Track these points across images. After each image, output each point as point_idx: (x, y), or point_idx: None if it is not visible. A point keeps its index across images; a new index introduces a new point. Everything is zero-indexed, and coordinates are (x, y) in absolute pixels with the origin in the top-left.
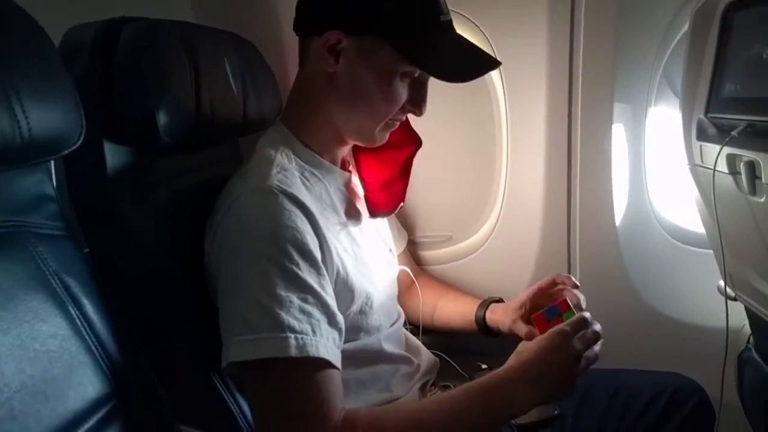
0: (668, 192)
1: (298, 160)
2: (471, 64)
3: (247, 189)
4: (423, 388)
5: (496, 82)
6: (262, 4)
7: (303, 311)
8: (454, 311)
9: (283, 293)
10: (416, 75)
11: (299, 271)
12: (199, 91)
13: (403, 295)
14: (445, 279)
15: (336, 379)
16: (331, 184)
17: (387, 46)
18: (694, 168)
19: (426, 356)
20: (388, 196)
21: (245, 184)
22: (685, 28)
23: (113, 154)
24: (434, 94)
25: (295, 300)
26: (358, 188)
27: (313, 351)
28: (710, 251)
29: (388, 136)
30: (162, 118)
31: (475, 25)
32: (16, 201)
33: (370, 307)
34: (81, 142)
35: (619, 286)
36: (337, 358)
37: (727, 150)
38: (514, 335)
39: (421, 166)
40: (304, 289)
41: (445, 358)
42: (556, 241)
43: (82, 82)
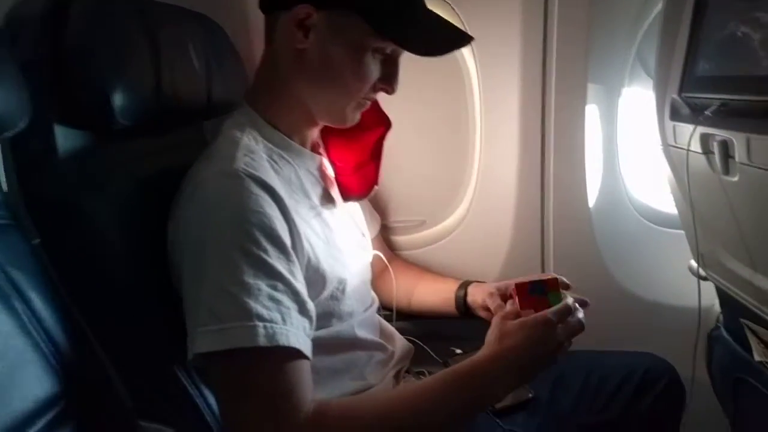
0: (641, 173)
1: (266, 143)
2: (444, 39)
3: (211, 172)
4: (397, 375)
5: (469, 63)
6: None
7: (272, 299)
8: (432, 292)
9: (251, 280)
10: (388, 51)
11: (267, 258)
12: (158, 71)
13: (377, 280)
14: (419, 264)
15: (306, 370)
16: (301, 167)
17: (358, 21)
18: (668, 148)
19: (400, 342)
20: (361, 179)
21: (209, 167)
22: (659, 7)
23: (65, 138)
24: (406, 77)
25: (264, 287)
26: (330, 171)
27: (283, 340)
28: (682, 231)
29: (359, 116)
30: (118, 100)
31: (449, 4)
32: None
33: (343, 292)
34: (27, 125)
35: (593, 268)
36: (307, 348)
37: (700, 129)
38: (484, 311)
39: (394, 150)
40: (273, 276)
41: (420, 343)
42: (530, 224)
43: (30, 61)
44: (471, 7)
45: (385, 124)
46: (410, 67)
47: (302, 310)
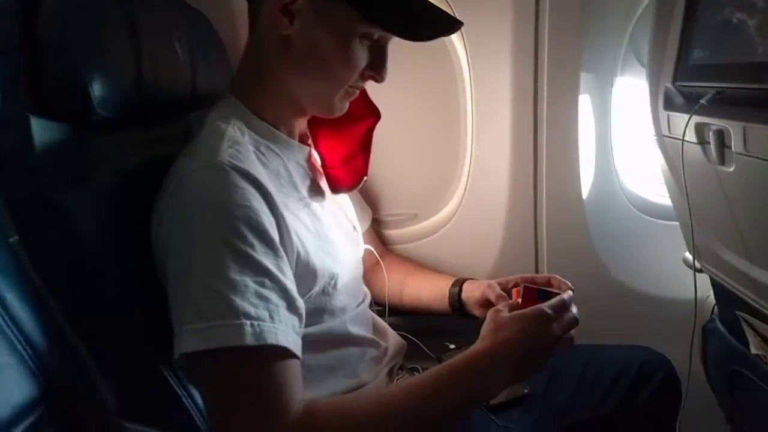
0: (634, 164)
1: (252, 134)
2: (432, 24)
3: (196, 166)
4: (391, 372)
5: (460, 53)
6: None
7: (259, 296)
8: (425, 288)
9: (237, 277)
10: (376, 37)
11: (254, 253)
12: (139, 60)
13: (368, 275)
14: (412, 258)
15: (295, 368)
16: (290, 159)
17: (345, 5)
18: (661, 138)
19: (393, 338)
20: (350, 171)
21: (193, 160)
22: None
23: (42, 131)
24: (396, 67)
25: (251, 284)
26: (318, 163)
27: (271, 338)
28: (675, 223)
29: (348, 105)
30: (96, 90)
31: None
32: None
33: (334, 287)
34: (1, 118)
35: (586, 261)
36: (296, 346)
37: (695, 119)
38: (480, 307)
39: (385, 142)
40: (261, 272)
41: (413, 339)
42: (523, 216)
43: (1, 50)
44: None
45: (375, 114)
46: (400, 58)
47: (291, 307)
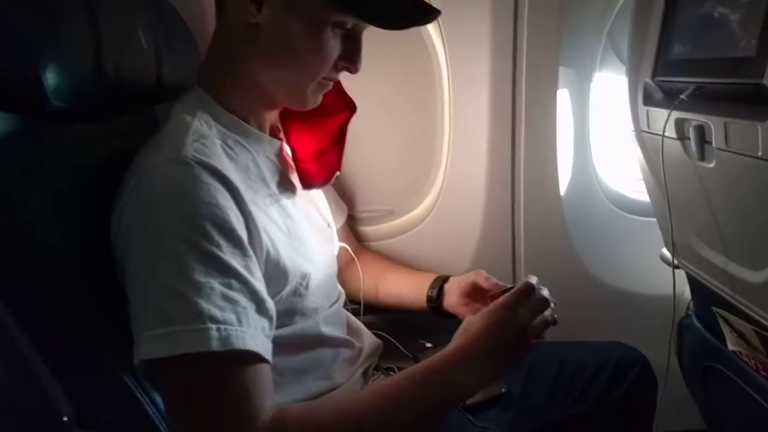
0: (612, 160)
1: (220, 127)
2: (408, 13)
3: (159, 160)
4: (365, 373)
5: (438, 47)
6: None
7: (226, 298)
8: (403, 284)
9: (202, 279)
10: (349, 26)
11: (221, 253)
12: (99, 48)
13: (343, 273)
14: (387, 255)
15: (265, 373)
16: (259, 154)
17: None
18: (640, 134)
19: (368, 338)
20: (323, 166)
21: (156, 154)
22: None
23: None
24: (372, 59)
25: (217, 286)
26: (290, 157)
27: (239, 343)
28: (652, 219)
29: (321, 98)
30: (50, 79)
31: None
32: None
33: (306, 287)
34: None
35: (564, 257)
36: (266, 350)
37: (675, 114)
38: (467, 293)
39: (360, 137)
40: (227, 273)
41: (388, 338)
42: (501, 213)
43: None
44: None
45: (350, 107)
46: (376, 50)
47: (260, 309)
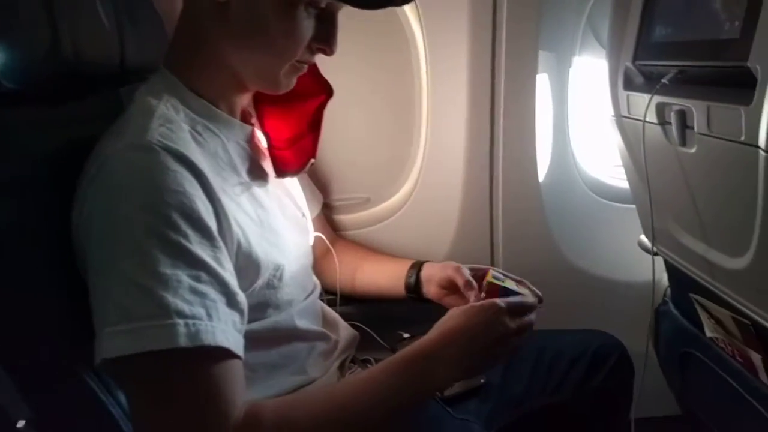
0: (590, 146)
1: (188, 111)
2: None
3: (121, 145)
4: (342, 366)
5: (416, 30)
6: None
7: (194, 291)
8: (380, 272)
9: (169, 271)
10: (322, 5)
11: (188, 244)
12: (54, 26)
13: (319, 263)
14: (364, 244)
15: (237, 370)
16: (230, 140)
17: None
18: (620, 119)
19: (345, 330)
20: (297, 153)
21: (118, 140)
22: None
23: None
24: (348, 44)
25: (184, 278)
26: (263, 143)
27: (209, 338)
28: (631, 206)
29: (295, 81)
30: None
31: None
32: None
33: (280, 279)
34: None
35: (542, 245)
36: (237, 345)
37: (656, 99)
38: (443, 285)
39: (335, 123)
40: (196, 265)
41: (366, 329)
42: (479, 199)
43: None
44: None
45: (326, 91)
46: (352, 35)
47: (231, 302)
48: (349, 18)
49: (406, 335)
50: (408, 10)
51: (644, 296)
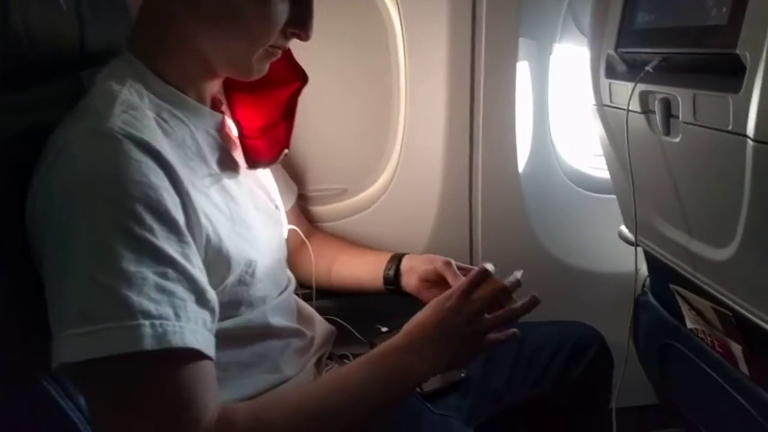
0: (570, 136)
1: (153, 97)
2: None
3: (80, 132)
4: (318, 362)
5: (394, 16)
6: None
7: (161, 290)
8: (357, 264)
9: (133, 268)
10: None
11: (154, 239)
12: (5, 6)
13: (293, 256)
14: (341, 236)
15: (208, 371)
16: (198, 128)
17: None
18: (602, 108)
19: (321, 326)
20: (270, 142)
21: (77, 126)
22: None
23: None
24: (324, 30)
25: (150, 276)
26: (234, 132)
27: (177, 340)
28: (611, 196)
29: (268, 67)
30: None
31: None
32: None
33: (252, 275)
34: None
35: (522, 236)
36: (208, 345)
37: (640, 87)
38: (425, 277)
39: (310, 111)
40: (162, 262)
41: (343, 323)
42: (458, 190)
43: None
44: None
45: (300, 78)
46: (329, 21)
47: (201, 300)
48: (326, 4)
49: (385, 329)
50: None
51: (623, 287)
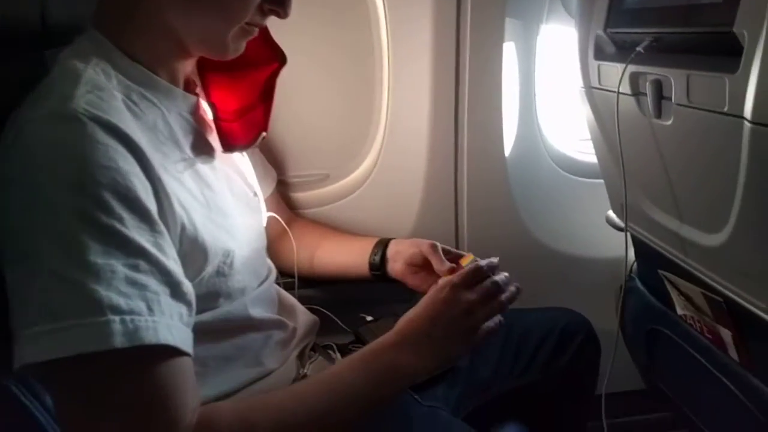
0: (557, 119)
1: (122, 78)
2: None
3: (41, 114)
4: (301, 354)
5: None
6: None
7: (132, 283)
8: (341, 251)
9: (100, 260)
10: None
11: (123, 228)
12: None
13: (274, 245)
14: (323, 223)
15: (186, 369)
16: (171, 111)
17: None
18: (590, 91)
19: (303, 316)
20: (246, 125)
21: (38, 107)
22: None
23: None
24: (304, 8)
25: (120, 268)
26: (208, 115)
27: (150, 336)
28: (598, 181)
29: (244, 46)
30: None
31: None
32: None
33: (230, 266)
34: None
35: (508, 221)
36: (185, 341)
37: (630, 68)
38: (412, 261)
39: (290, 93)
40: (133, 253)
41: (326, 313)
42: (443, 174)
43: None
44: None
45: (278, 59)
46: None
47: (176, 293)
48: None
49: (370, 318)
50: None
51: (609, 272)
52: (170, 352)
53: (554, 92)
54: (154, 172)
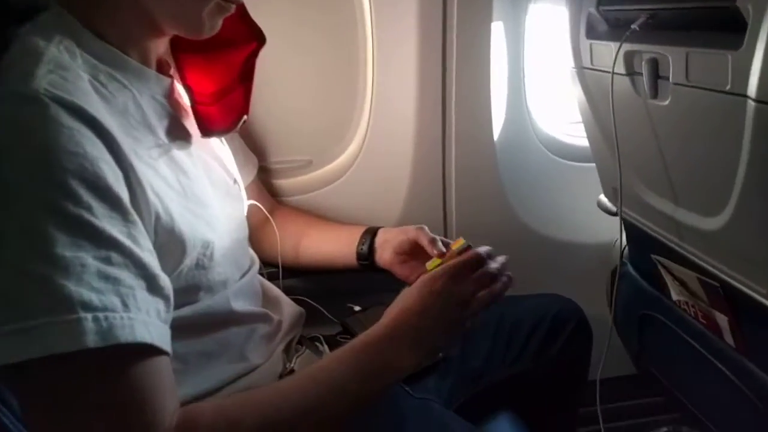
0: (546, 101)
1: (88, 57)
2: None
3: None
4: (288, 348)
5: None
6: None
7: (104, 277)
8: (327, 240)
9: (69, 253)
10: None
11: (93, 219)
12: None
13: (256, 234)
14: (307, 211)
15: (163, 368)
16: (143, 93)
17: None
18: (582, 71)
19: (289, 308)
20: (225, 108)
21: None
22: None
23: None
24: None
25: (90, 261)
26: (184, 99)
27: (126, 334)
28: (589, 165)
29: (220, 24)
30: None
31: None
32: None
33: (210, 258)
34: None
35: (497, 206)
36: (163, 338)
37: (625, 47)
38: (400, 250)
39: (271, 75)
40: (104, 244)
41: (312, 304)
42: (431, 160)
43: None
44: None
45: (257, 38)
46: None
47: (152, 287)
48: None
49: (357, 308)
50: None
51: (600, 257)
52: (147, 350)
53: (544, 74)
54: (125, 158)
